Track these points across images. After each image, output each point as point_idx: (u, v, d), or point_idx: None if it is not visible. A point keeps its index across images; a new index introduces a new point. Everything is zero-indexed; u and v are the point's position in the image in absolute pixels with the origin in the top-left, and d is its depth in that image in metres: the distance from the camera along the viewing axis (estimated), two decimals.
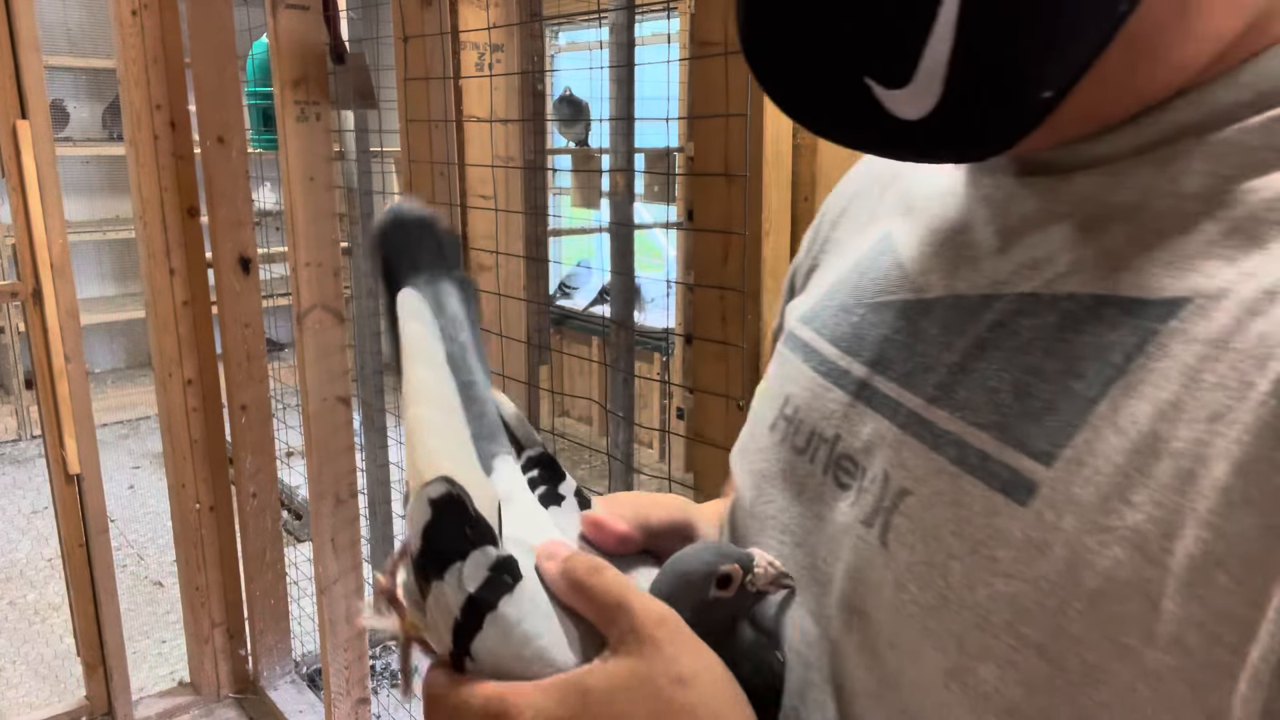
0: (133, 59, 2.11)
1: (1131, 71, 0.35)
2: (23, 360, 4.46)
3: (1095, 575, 0.30)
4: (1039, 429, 0.34)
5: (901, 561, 0.37)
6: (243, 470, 2.37)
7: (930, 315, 0.42)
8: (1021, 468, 0.34)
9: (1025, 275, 0.38)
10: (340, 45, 1.84)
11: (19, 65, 1.97)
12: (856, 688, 0.39)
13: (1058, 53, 0.33)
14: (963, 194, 0.44)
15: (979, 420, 0.36)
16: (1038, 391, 0.35)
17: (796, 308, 0.54)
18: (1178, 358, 0.31)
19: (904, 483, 0.38)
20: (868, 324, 0.45)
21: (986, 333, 0.38)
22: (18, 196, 2.01)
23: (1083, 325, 0.35)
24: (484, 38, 1.58)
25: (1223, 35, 0.34)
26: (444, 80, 1.60)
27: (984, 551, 0.34)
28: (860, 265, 0.49)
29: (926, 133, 0.36)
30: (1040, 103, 0.34)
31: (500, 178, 1.62)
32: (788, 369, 0.50)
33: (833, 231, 0.56)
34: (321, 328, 1.92)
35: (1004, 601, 0.33)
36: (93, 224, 4.94)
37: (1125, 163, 0.36)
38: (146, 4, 2.10)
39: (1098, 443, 0.32)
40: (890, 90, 0.35)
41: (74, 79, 4.91)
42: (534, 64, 1.67)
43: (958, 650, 0.34)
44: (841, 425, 0.43)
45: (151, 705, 2.45)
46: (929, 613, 0.35)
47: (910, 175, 0.51)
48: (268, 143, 2.53)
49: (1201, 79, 0.35)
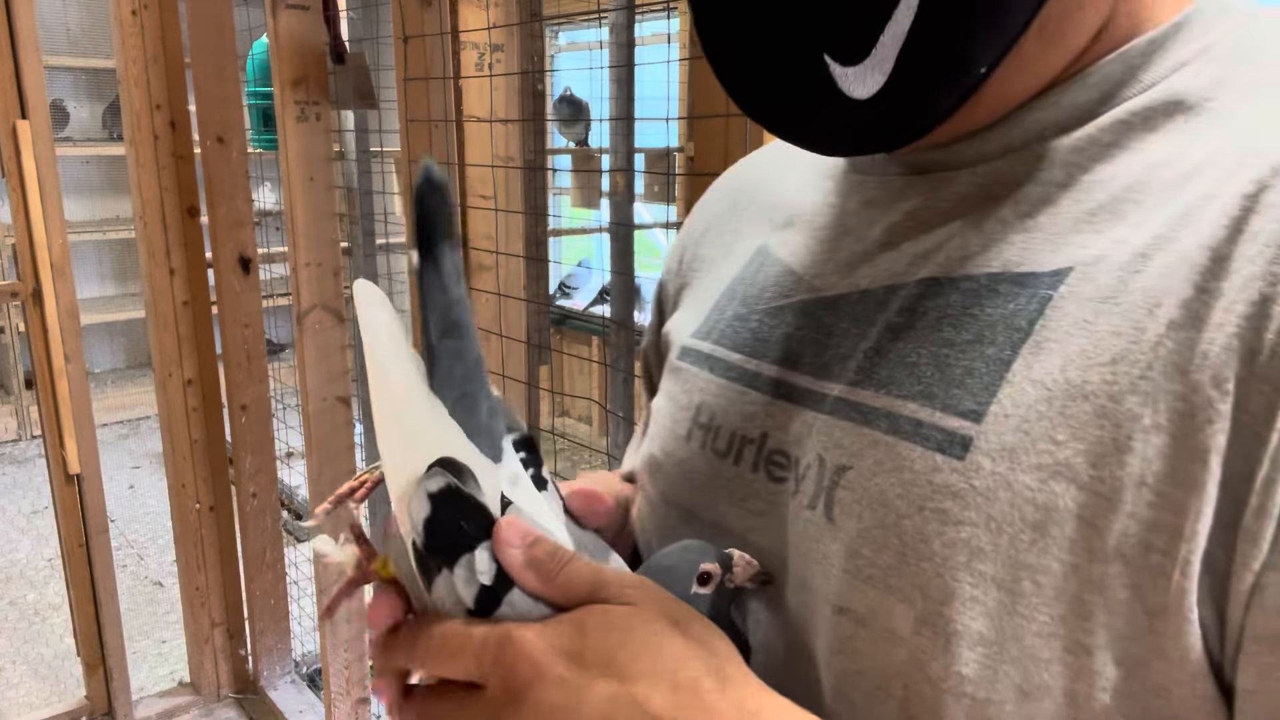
0: (133, 59, 2.11)
1: (1036, 56, 0.39)
2: (23, 360, 4.46)
3: (1037, 509, 0.34)
4: (963, 392, 0.38)
5: (850, 531, 0.40)
6: (243, 470, 2.37)
7: (836, 310, 0.45)
8: (953, 427, 0.37)
9: (921, 264, 0.42)
10: (340, 45, 1.84)
11: (19, 65, 1.97)
12: (821, 657, 0.41)
13: (994, 30, 0.37)
14: (842, 204, 0.48)
15: (904, 393, 0.40)
16: (955, 361, 0.39)
17: (680, 325, 0.56)
18: (1073, 315, 0.36)
19: (840, 460, 0.41)
20: (766, 327, 0.48)
21: (896, 317, 0.42)
22: (18, 196, 2.01)
23: (984, 300, 0.39)
24: (484, 38, 1.58)
25: (1091, 31, 0.40)
26: (444, 80, 1.60)
27: (931, 506, 0.37)
28: (742, 279, 0.52)
29: (873, 112, 0.39)
30: (974, 80, 0.38)
31: (500, 178, 1.62)
32: (691, 381, 0.51)
33: (699, 249, 0.59)
34: (321, 328, 1.93)
35: (959, 547, 0.36)
36: (93, 224, 4.94)
37: (998, 162, 0.41)
38: (146, 4, 2.10)
39: (1019, 396, 0.36)
40: (845, 68, 0.38)
41: (74, 79, 4.90)
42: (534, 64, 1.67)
43: (923, 599, 0.37)
44: (766, 423, 0.46)
45: (151, 705, 2.45)
46: (889, 572, 0.38)
47: (773, 195, 0.55)
48: (268, 143, 2.53)
49: (1057, 81, 0.40)
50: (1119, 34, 0.40)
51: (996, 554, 0.35)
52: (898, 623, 0.37)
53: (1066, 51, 0.39)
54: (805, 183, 0.53)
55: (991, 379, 0.37)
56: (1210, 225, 0.34)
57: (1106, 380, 0.34)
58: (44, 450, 2.24)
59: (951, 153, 0.43)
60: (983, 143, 0.41)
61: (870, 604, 0.38)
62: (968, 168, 0.42)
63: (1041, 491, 0.34)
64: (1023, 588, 0.34)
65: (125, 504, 3.90)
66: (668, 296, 0.61)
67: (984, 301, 0.39)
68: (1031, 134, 0.41)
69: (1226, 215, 0.34)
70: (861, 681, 0.39)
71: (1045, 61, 0.40)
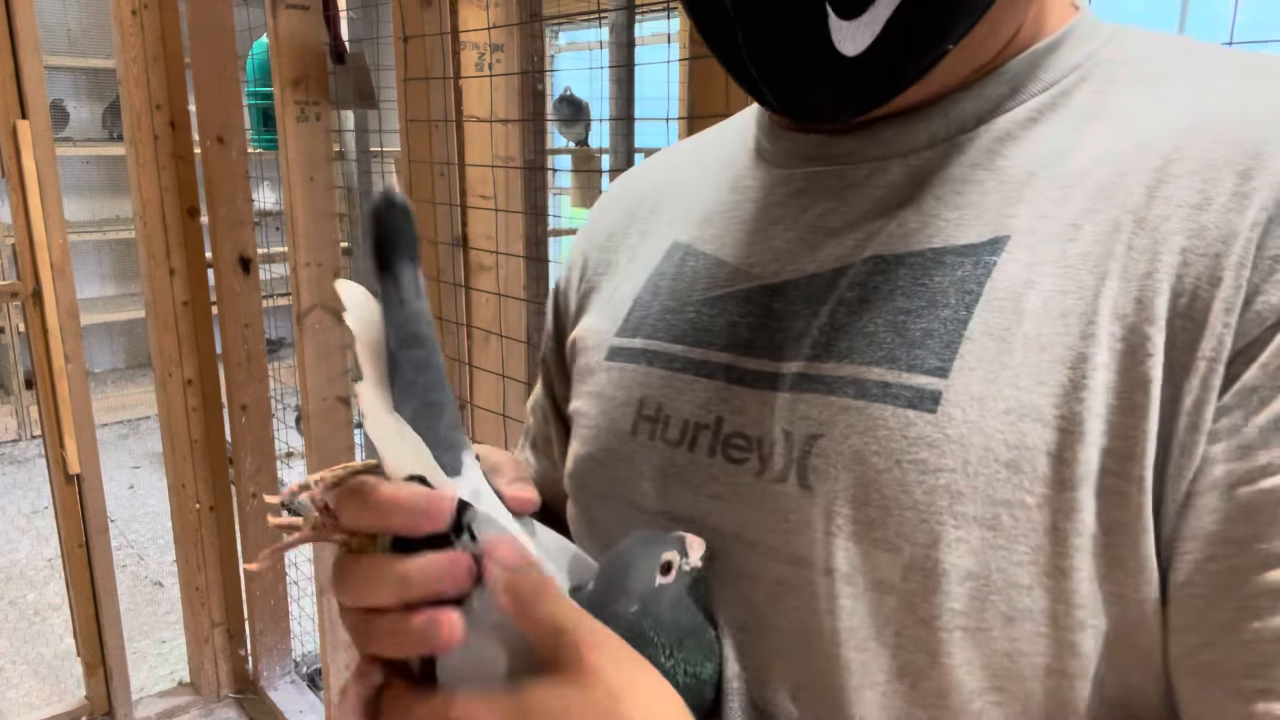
0: (133, 59, 2.11)
1: (979, 43, 0.43)
2: (23, 360, 4.46)
3: (1009, 448, 0.38)
4: (925, 352, 0.41)
5: (828, 494, 0.42)
6: (243, 470, 2.37)
7: (783, 295, 0.47)
8: (921, 384, 0.41)
9: (865, 245, 0.45)
10: (340, 45, 1.84)
11: (19, 65, 1.97)
12: (807, 623, 0.43)
13: (969, 7, 0.41)
14: (765, 197, 0.51)
15: (867, 359, 0.43)
16: (913, 325, 0.42)
17: (595, 328, 0.57)
18: (1019, 277, 0.40)
19: (809, 430, 0.43)
20: (706, 317, 0.50)
21: (847, 293, 0.45)
22: (18, 196, 2.01)
23: (931, 271, 0.43)
24: (484, 38, 1.58)
25: (1015, 28, 0.44)
26: (444, 80, 1.60)
27: (909, 458, 0.40)
28: (662, 274, 0.54)
29: (854, 72, 0.42)
30: (940, 53, 0.42)
31: (500, 178, 1.62)
32: (627, 378, 0.52)
33: (603, 255, 0.60)
34: (321, 328, 1.93)
35: (940, 492, 0.39)
36: (93, 224, 4.94)
37: (926, 152, 0.46)
38: (146, 4, 2.10)
39: (980, 351, 0.40)
40: (842, 20, 0.40)
41: (74, 79, 4.90)
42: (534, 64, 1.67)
43: (910, 546, 0.39)
44: (720, 409, 0.47)
45: (151, 705, 2.45)
46: (873, 526, 0.40)
47: (677, 198, 0.58)
48: (268, 143, 2.53)
49: (974, 75, 0.45)
50: (1025, 36, 0.45)
51: (975, 495, 0.38)
52: (885, 573, 0.40)
53: (999, 42, 0.44)
54: (711, 183, 0.56)
55: (951, 337, 0.41)
56: (1128, 194, 0.40)
57: (1059, 332, 0.38)
58: (44, 450, 2.24)
59: (880, 142, 0.47)
60: (910, 135, 0.46)
61: (855, 560, 0.41)
62: (899, 157, 0.46)
63: (1012, 433, 0.38)
64: (1002, 523, 0.38)
65: (125, 504, 3.90)
66: (568, 303, 0.62)
67: (932, 271, 0.43)
68: (954, 125, 0.45)
69: (1142, 185, 0.39)
70: (852, 637, 0.41)
71: (983, 49, 0.44)
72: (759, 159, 0.53)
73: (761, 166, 0.53)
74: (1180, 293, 0.37)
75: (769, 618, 0.44)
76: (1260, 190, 0.37)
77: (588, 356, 0.56)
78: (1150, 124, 0.42)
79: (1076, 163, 0.42)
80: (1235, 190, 0.37)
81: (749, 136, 0.56)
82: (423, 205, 1.68)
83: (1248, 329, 0.36)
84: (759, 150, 0.54)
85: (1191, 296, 0.37)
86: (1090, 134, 0.43)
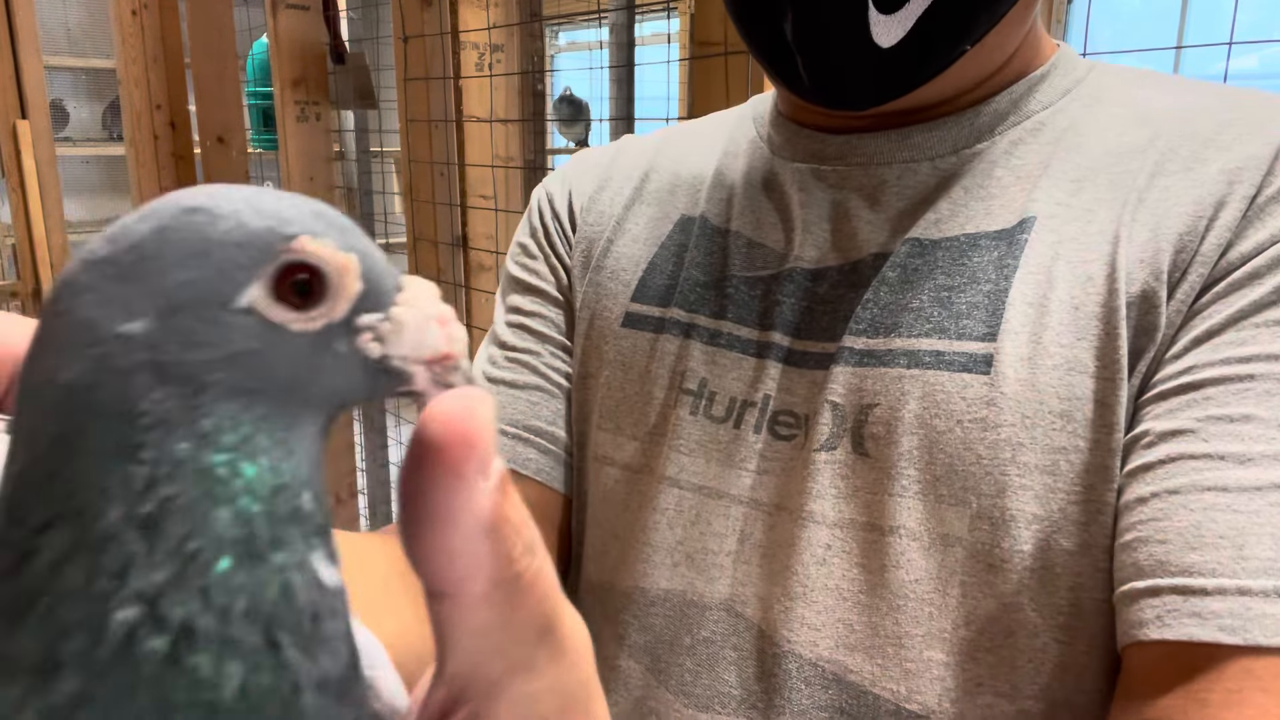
0: (133, 59, 2.11)
1: (990, 51, 0.47)
2: None
3: (1060, 400, 0.42)
4: (971, 321, 0.45)
5: (887, 459, 0.45)
6: None
7: (825, 280, 0.50)
8: (973, 350, 0.44)
9: (900, 234, 0.49)
10: (340, 45, 1.84)
11: (19, 65, 1.98)
12: (866, 582, 0.45)
13: (989, 12, 0.45)
14: (795, 189, 0.53)
15: (916, 332, 0.46)
16: (956, 299, 0.46)
17: (602, 288, 0.57)
18: (1045, 252, 0.45)
19: (862, 401, 0.46)
20: (746, 295, 0.52)
21: (889, 273, 0.48)
22: (18, 196, 2.01)
23: (968, 253, 0.47)
24: (484, 38, 1.58)
25: (1019, 41, 0.49)
26: (444, 80, 1.60)
27: (969, 417, 0.43)
28: (678, 246, 0.55)
29: (886, 65, 0.45)
30: (958, 54, 0.46)
31: (500, 178, 1.62)
32: (659, 348, 0.53)
33: (594, 205, 0.60)
34: None
35: (1002, 445, 0.43)
36: (93, 224, 4.94)
37: (950, 157, 0.50)
38: (146, 4, 2.10)
39: (1022, 317, 0.44)
40: (882, 14, 0.44)
41: (74, 79, 4.91)
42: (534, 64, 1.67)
43: (977, 498, 0.43)
44: (768, 387, 0.50)
45: None
46: (939, 482, 0.44)
47: (681, 175, 0.58)
48: (268, 143, 2.53)
49: (981, 95, 0.50)
50: (1022, 62, 0.50)
51: (1034, 445, 0.42)
52: (952, 526, 0.43)
53: (1003, 54, 0.49)
54: (723, 168, 0.57)
55: (994, 307, 0.45)
56: (1132, 180, 0.46)
57: (1088, 292, 0.43)
58: None
59: (910, 146, 0.50)
60: (938, 141, 0.50)
61: (921, 516, 0.44)
62: (927, 160, 0.50)
63: (1062, 385, 0.42)
64: (1060, 467, 0.42)
65: None
66: (563, 219, 0.61)
67: (969, 253, 0.47)
68: (972, 135, 0.50)
69: (1144, 172, 0.45)
70: (916, 589, 0.44)
71: (991, 59, 0.48)
72: (776, 154, 0.55)
73: (783, 160, 0.55)
74: (1180, 249, 0.42)
75: (816, 579, 0.46)
76: (1245, 169, 0.43)
77: (595, 317, 0.56)
78: (1137, 127, 0.48)
79: (1083, 159, 0.48)
80: (1220, 169, 0.43)
81: (753, 131, 0.58)
82: (423, 205, 1.68)
83: (1216, 274, 0.42)
84: (772, 145, 0.56)
85: (1185, 253, 0.43)
86: (1089, 136, 0.49)
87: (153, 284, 0.16)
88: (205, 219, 0.17)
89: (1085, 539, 0.42)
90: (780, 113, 0.56)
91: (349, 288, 0.17)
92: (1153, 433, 0.40)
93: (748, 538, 0.49)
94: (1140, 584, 0.38)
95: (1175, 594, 0.37)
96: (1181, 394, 0.40)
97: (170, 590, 0.15)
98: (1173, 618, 0.37)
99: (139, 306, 0.16)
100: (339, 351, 0.18)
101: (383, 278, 0.18)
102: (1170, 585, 0.37)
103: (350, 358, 0.18)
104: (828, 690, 0.46)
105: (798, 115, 0.55)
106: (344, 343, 0.18)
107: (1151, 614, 0.37)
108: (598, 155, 0.64)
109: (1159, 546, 0.38)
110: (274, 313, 0.17)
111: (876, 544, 0.45)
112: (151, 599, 0.15)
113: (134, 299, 0.16)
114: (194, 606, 0.15)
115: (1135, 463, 0.41)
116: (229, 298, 0.16)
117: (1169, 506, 0.39)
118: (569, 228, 0.61)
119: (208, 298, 0.16)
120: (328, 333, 0.17)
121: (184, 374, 0.16)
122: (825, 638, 0.46)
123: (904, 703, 0.44)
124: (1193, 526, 0.38)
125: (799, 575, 0.47)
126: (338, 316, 0.17)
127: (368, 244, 0.18)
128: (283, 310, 0.17)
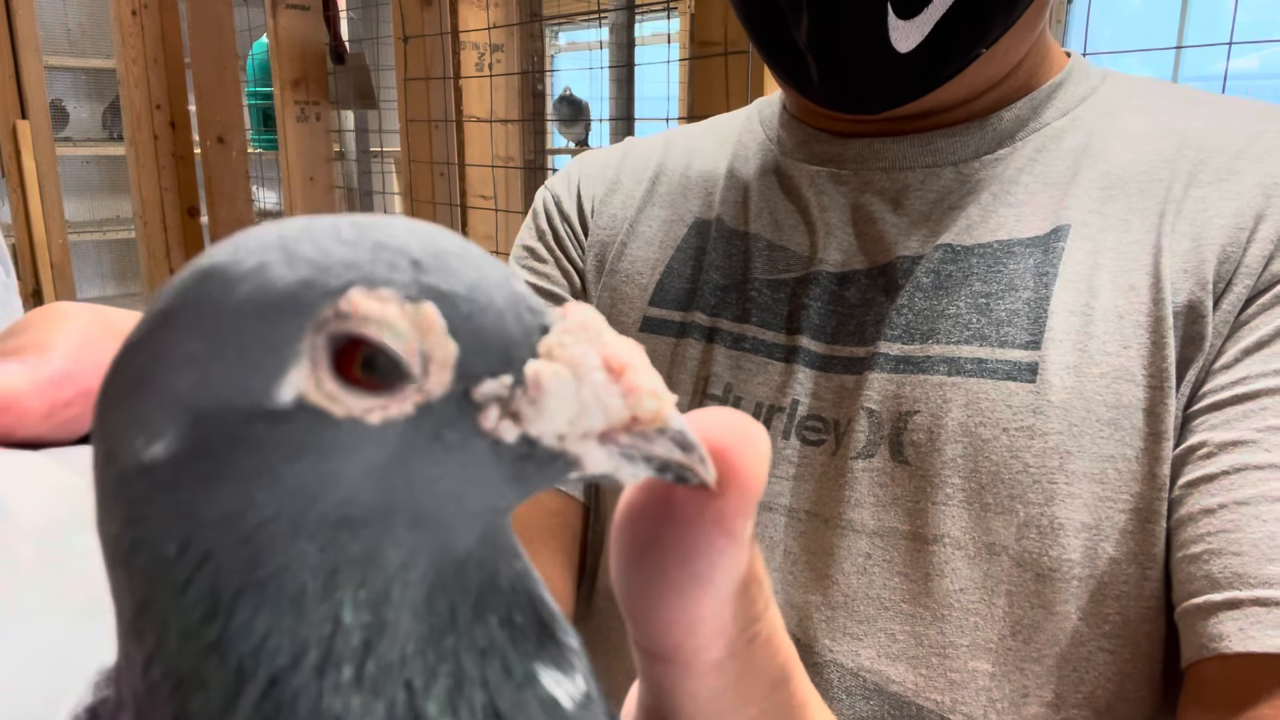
0: (133, 59, 2.11)
1: (1004, 54, 0.47)
2: None
3: (1109, 408, 0.42)
4: (1013, 329, 0.44)
5: (929, 467, 0.44)
6: None
7: (853, 284, 0.49)
8: (1017, 358, 0.44)
9: (930, 239, 0.48)
10: (340, 45, 1.84)
11: (19, 65, 1.97)
12: (908, 592, 0.45)
13: (1002, 16, 0.44)
14: (814, 193, 0.52)
15: (955, 339, 0.45)
16: (995, 306, 0.45)
17: (616, 291, 0.55)
18: (1086, 261, 0.45)
19: (900, 408, 0.45)
20: (770, 299, 0.51)
21: (923, 278, 0.47)
22: (18, 196, 2.01)
23: (1003, 259, 0.46)
24: (484, 38, 1.58)
25: (1029, 45, 0.48)
26: (444, 80, 1.60)
27: (1015, 425, 0.43)
28: (696, 250, 0.54)
29: (902, 69, 0.45)
30: (972, 57, 0.45)
31: (500, 178, 1.62)
32: (681, 353, 0.52)
33: (606, 207, 0.59)
34: None
35: (1050, 454, 0.42)
36: (93, 224, 4.94)
37: (974, 162, 0.49)
38: (146, 4, 2.10)
39: (1065, 325, 0.43)
40: (900, 20, 0.44)
41: (74, 79, 4.90)
42: (534, 64, 1.67)
43: (1024, 506, 0.42)
44: (796, 391, 0.49)
45: None
46: (984, 490, 0.43)
47: (690, 178, 0.57)
48: (268, 143, 2.53)
49: (996, 103, 0.50)
50: (1034, 71, 0.50)
51: (1082, 453, 0.42)
52: (998, 535, 0.43)
53: (1016, 56, 0.49)
54: (735, 171, 0.56)
55: (1036, 314, 0.44)
56: (1166, 191, 0.45)
57: (1132, 302, 0.43)
58: None
59: (933, 151, 0.50)
60: (961, 146, 0.50)
61: (966, 525, 0.43)
62: (950, 165, 0.50)
63: (1109, 394, 0.42)
64: (1108, 476, 0.42)
65: None
66: (574, 212, 0.60)
67: (1004, 260, 0.46)
68: (994, 140, 0.50)
69: (1179, 183, 0.45)
70: (961, 598, 0.43)
71: (1004, 62, 0.48)
72: (788, 156, 0.54)
73: (796, 163, 0.54)
74: (1223, 260, 0.42)
75: (857, 589, 0.46)
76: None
77: (611, 321, 0.55)
78: (1160, 138, 0.47)
79: (1109, 168, 0.47)
80: (1256, 182, 0.43)
81: (761, 134, 0.57)
82: (422, 205, 1.68)
83: (1260, 285, 0.42)
84: (783, 147, 0.55)
85: (1229, 264, 0.43)
86: (1112, 145, 0.48)
87: (160, 389, 0.12)
88: (217, 287, 0.12)
89: (1133, 547, 0.41)
90: (791, 115, 0.55)
91: (437, 351, 0.12)
92: (1211, 443, 0.40)
93: (783, 546, 0.48)
94: (1217, 596, 0.38)
95: (1258, 606, 0.36)
96: (1236, 404, 0.40)
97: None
98: (1257, 630, 0.36)
99: (158, 423, 0.12)
100: (450, 442, 0.12)
101: (504, 322, 0.12)
102: (1252, 597, 0.36)
103: (473, 448, 0.12)
104: (869, 701, 0.45)
105: (809, 118, 0.54)
106: (457, 428, 0.12)
107: (1233, 626, 0.37)
108: (604, 157, 0.63)
109: (1234, 559, 0.37)
110: (339, 401, 0.12)
111: (919, 553, 0.44)
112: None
113: (152, 413, 0.12)
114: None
115: (1195, 473, 0.40)
116: (259, 395, 0.11)
117: (1239, 518, 0.38)
118: (580, 230, 0.60)
119: (227, 400, 0.11)
120: (428, 417, 0.12)
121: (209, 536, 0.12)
122: (867, 648, 0.45)
123: (948, 714, 0.44)
124: (1268, 538, 0.37)
125: (839, 584, 0.46)
126: (436, 393, 0.12)
127: (472, 277, 0.12)
128: (353, 395, 0.12)
